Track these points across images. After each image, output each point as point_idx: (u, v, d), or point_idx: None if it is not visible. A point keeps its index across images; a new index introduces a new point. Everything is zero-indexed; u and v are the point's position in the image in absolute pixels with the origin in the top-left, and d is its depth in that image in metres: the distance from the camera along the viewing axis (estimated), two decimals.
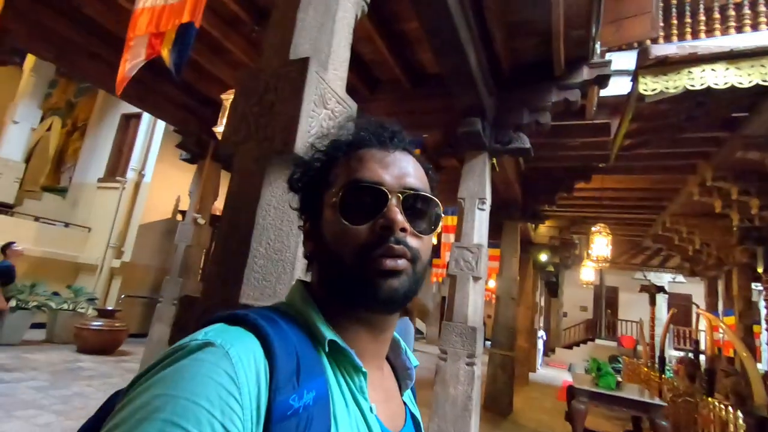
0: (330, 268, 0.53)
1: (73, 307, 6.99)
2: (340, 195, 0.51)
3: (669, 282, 13.76)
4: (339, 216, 0.50)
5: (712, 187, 5.55)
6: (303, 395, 0.41)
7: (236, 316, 0.44)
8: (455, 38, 2.87)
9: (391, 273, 0.48)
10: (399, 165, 0.54)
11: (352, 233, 0.49)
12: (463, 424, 3.57)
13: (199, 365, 0.37)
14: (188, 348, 0.39)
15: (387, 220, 0.49)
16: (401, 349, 0.62)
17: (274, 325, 0.44)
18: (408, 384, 0.61)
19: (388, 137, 0.56)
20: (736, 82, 2.87)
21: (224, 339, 0.40)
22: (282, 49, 1.32)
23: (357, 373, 0.49)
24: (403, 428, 0.55)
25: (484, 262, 3.84)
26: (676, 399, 5.25)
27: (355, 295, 0.50)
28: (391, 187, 0.51)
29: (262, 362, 0.40)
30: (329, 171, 0.55)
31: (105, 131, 9.31)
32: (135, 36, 1.91)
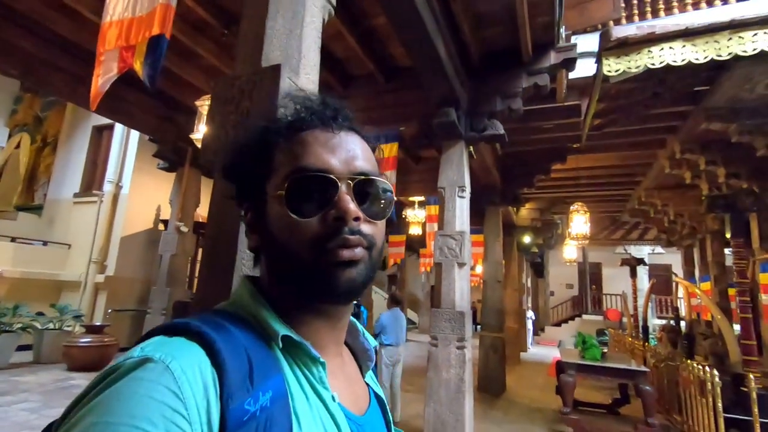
0: (281, 262, 0.50)
1: (60, 325, 6.86)
2: (286, 186, 0.47)
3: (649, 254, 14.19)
4: (286, 209, 0.47)
5: (681, 159, 5.76)
6: (258, 397, 0.39)
7: (176, 326, 0.41)
8: (423, 31, 2.93)
9: (348, 263, 0.47)
10: (346, 147, 0.51)
11: (303, 226, 0.47)
12: (458, 406, 3.68)
13: (138, 384, 0.34)
14: (124, 367, 0.36)
15: (339, 211, 0.47)
16: (359, 332, 0.61)
17: (219, 330, 0.41)
18: (369, 365, 0.61)
19: (332, 116, 0.52)
20: (692, 59, 3.01)
21: (164, 353, 0.37)
22: (254, 57, 1.36)
23: (315, 365, 0.47)
24: (368, 409, 0.54)
25: (467, 248, 3.94)
26: (659, 364, 5.49)
27: (311, 289, 0.48)
28: (340, 173, 0.48)
29: (209, 371, 0.38)
30: (269, 157, 0.51)
31: (77, 145, 9.09)
32: (105, 50, 1.91)
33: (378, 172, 0.53)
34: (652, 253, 14.60)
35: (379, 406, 0.58)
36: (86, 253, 7.92)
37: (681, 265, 9.89)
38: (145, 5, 1.88)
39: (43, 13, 3.79)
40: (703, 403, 3.96)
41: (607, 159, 6.72)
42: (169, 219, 5.50)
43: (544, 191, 8.36)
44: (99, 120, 8.75)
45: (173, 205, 5.50)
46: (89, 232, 8.03)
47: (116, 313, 7.50)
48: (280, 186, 0.48)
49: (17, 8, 3.71)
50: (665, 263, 14.74)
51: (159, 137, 5.48)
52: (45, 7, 3.76)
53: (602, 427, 4.54)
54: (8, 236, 7.77)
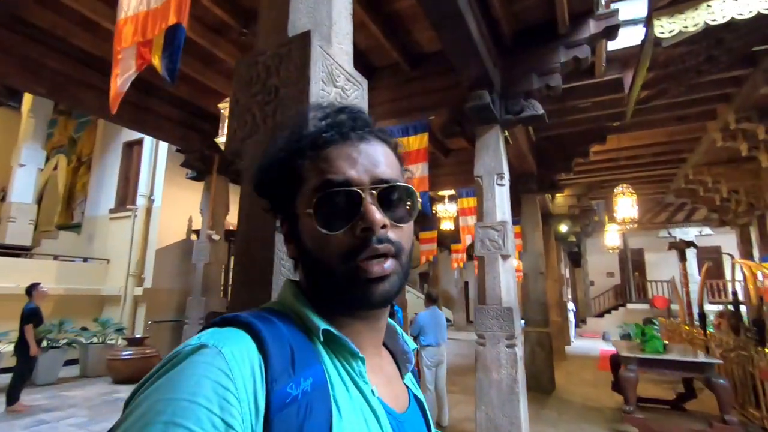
0: (316, 273, 0.52)
1: (103, 339, 7.01)
2: (314, 203, 0.49)
3: (696, 236, 13.38)
4: (316, 225, 0.49)
5: (736, 130, 5.31)
6: (300, 383, 0.42)
7: (227, 319, 0.45)
8: (454, 8, 2.71)
9: (379, 279, 0.48)
10: (367, 156, 0.52)
11: (333, 240, 0.48)
12: (512, 408, 3.44)
13: (195, 367, 0.38)
14: (183, 353, 0.40)
15: (366, 222, 0.48)
16: (398, 335, 0.62)
17: (265, 321, 0.45)
18: (408, 367, 0.62)
19: (350, 127, 0.53)
20: (761, 9, 2.66)
21: (216, 340, 0.41)
22: (278, 27, 1.19)
23: (354, 359, 0.49)
24: (408, 409, 0.55)
25: (510, 239, 3.69)
26: (727, 354, 5.03)
27: (346, 300, 0.50)
28: (363, 183, 0.50)
29: (255, 356, 0.41)
30: (295, 175, 0.53)
31: (110, 162, 9.31)
32: (122, 48, 1.80)
33: (401, 175, 0.55)
34: (699, 235, 13.76)
35: (419, 409, 0.59)
36: (124, 267, 8.07)
37: (737, 245, 9.22)
38: None
39: (65, 28, 3.79)
40: None
41: (650, 136, 6.29)
42: (201, 228, 5.46)
43: (582, 176, 7.93)
44: (129, 136, 8.93)
45: (203, 214, 5.46)
46: (126, 246, 8.18)
47: (155, 325, 7.60)
48: (308, 203, 0.50)
49: (40, 26, 3.72)
50: (715, 245, 13.84)
51: (185, 147, 5.46)
52: (67, 21, 3.75)
53: (671, 426, 4.16)
54: (51, 255, 8.02)
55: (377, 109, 4.32)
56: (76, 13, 3.64)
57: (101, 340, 6.96)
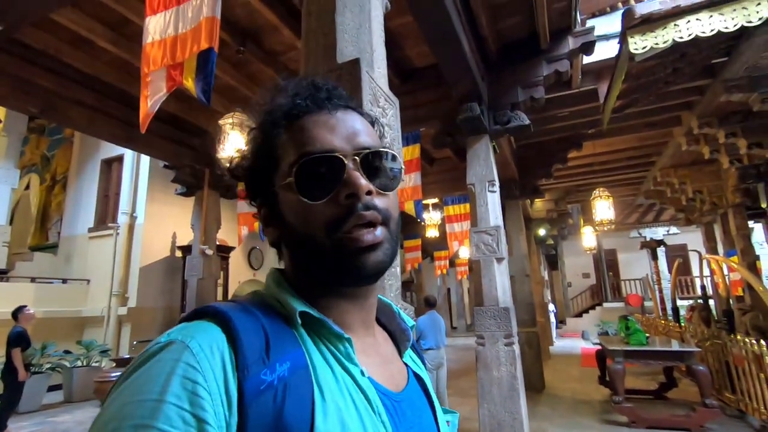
0: (302, 250, 0.50)
1: (87, 362, 6.80)
2: (294, 172, 0.47)
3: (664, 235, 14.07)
4: (298, 195, 0.47)
5: (699, 134, 5.72)
6: (275, 368, 0.41)
7: (197, 311, 0.45)
8: (449, 26, 2.90)
9: (372, 247, 0.47)
10: (346, 125, 0.51)
11: (317, 210, 0.47)
12: (513, 404, 3.60)
13: (162, 364, 0.38)
14: (150, 351, 0.40)
15: (350, 187, 0.47)
16: (394, 313, 0.61)
17: (239, 311, 0.44)
18: (406, 345, 0.60)
19: (326, 97, 0.52)
20: (721, 28, 2.97)
21: (184, 334, 0.40)
22: (327, 54, 1.32)
23: (341, 341, 0.47)
24: (406, 387, 0.54)
25: (503, 243, 3.88)
26: (702, 343, 5.37)
27: (339, 275, 0.48)
28: (345, 150, 0.49)
29: (225, 347, 0.40)
30: (272, 149, 0.52)
31: (87, 180, 9.09)
32: (151, 71, 1.88)
33: (381, 144, 0.54)
34: (667, 234, 14.48)
35: (419, 385, 0.57)
36: (106, 287, 7.86)
37: (702, 242, 9.78)
38: (188, 21, 1.85)
39: (58, 48, 3.78)
40: (762, 378, 3.85)
41: (621, 142, 6.67)
42: (193, 243, 5.44)
43: (559, 181, 8.30)
44: (107, 153, 8.77)
45: (195, 229, 5.44)
46: (107, 265, 7.98)
47: (141, 344, 7.42)
48: (287, 174, 0.48)
49: (34, 46, 3.70)
50: (681, 243, 14.59)
51: (176, 162, 5.45)
52: (60, 41, 3.75)
53: (658, 413, 4.41)
54: (27, 277, 7.74)
55: None
56: (71, 33, 3.65)
57: (86, 363, 6.75)
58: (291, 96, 0.53)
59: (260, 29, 3.78)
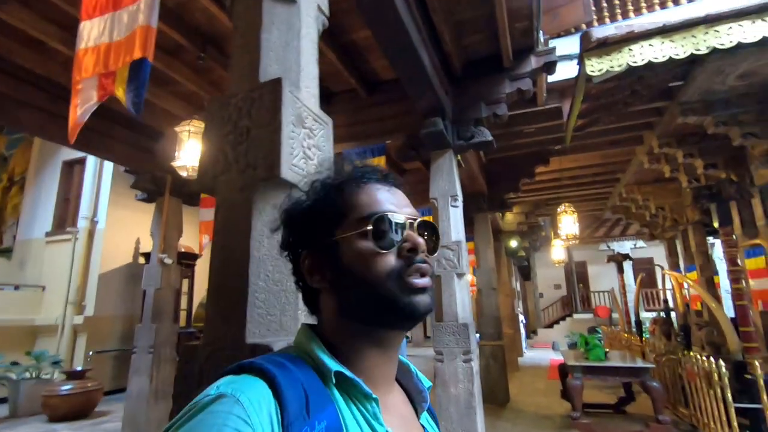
0: (361, 293, 0.55)
1: (37, 374, 6.44)
2: (372, 223, 0.55)
3: (631, 248, 14.48)
4: (371, 243, 0.54)
5: (660, 153, 5.91)
6: (315, 426, 0.43)
7: (242, 366, 0.48)
8: (408, 42, 2.89)
9: (423, 290, 0.55)
10: (400, 198, 0.60)
11: (382, 258, 0.54)
12: (469, 422, 3.57)
13: (215, 417, 0.39)
14: (202, 403, 0.42)
15: (412, 243, 0.55)
16: (412, 373, 0.65)
17: (279, 366, 0.47)
18: (423, 406, 0.63)
19: (385, 174, 0.63)
20: (672, 54, 3.06)
21: (234, 388, 0.43)
22: (251, 72, 1.27)
23: (368, 401, 0.50)
24: None
25: (465, 258, 3.88)
26: (660, 358, 5.49)
27: (394, 312, 0.54)
28: (405, 216, 0.57)
29: (272, 402, 0.43)
30: (337, 204, 0.58)
31: (46, 182, 8.72)
32: (82, 78, 1.78)
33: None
34: (634, 248, 14.90)
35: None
36: (62, 295, 7.52)
37: (665, 257, 10.08)
38: (123, 29, 1.77)
39: (8, 46, 3.61)
40: (711, 394, 3.94)
41: (587, 159, 6.83)
42: (152, 251, 5.25)
43: (529, 195, 8.44)
44: (69, 155, 8.44)
45: (155, 237, 5.26)
46: (64, 271, 7.65)
47: (98, 355, 7.11)
48: (358, 225, 0.56)
49: None
50: (647, 257, 15.03)
51: (136, 168, 5.26)
52: (10, 40, 3.58)
53: (615, 427, 4.47)
54: None
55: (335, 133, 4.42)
56: (22, 33, 3.49)
57: (35, 375, 6.40)
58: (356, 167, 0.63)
59: (221, 35, 3.70)
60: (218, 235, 1.21)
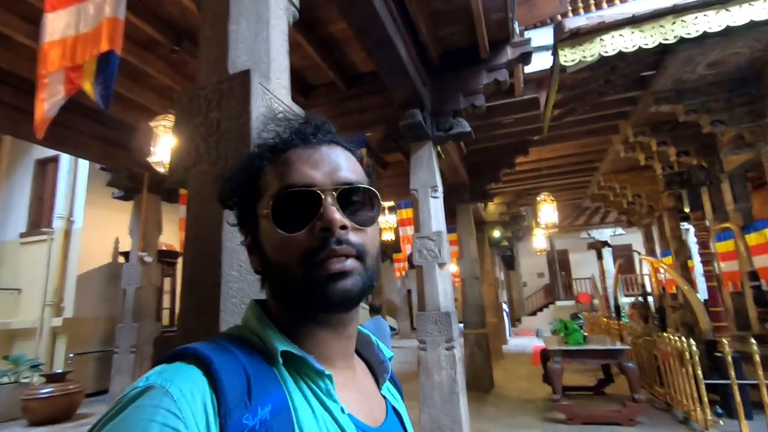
0: (278, 279, 0.51)
1: (15, 378, 6.30)
2: (272, 204, 0.49)
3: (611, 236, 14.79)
4: (274, 226, 0.49)
5: (635, 142, 6.05)
6: (257, 412, 0.41)
7: (176, 353, 0.44)
8: (383, 33, 2.89)
9: (340, 275, 0.48)
10: (329, 160, 0.52)
11: (292, 242, 0.48)
12: (452, 408, 3.64)
13: (142, 411, 0.37)
14: (129, 397, 0.39)
15: (324, 221, 0.48)
16: (373, 344, 0.62)
17: (219, 350, 0.44)
18: (384, 377, 0.60)
19: (312, 132, 0.54)
20: (642, 44, 3.14)
21: (164, 378, 0.40)
22: (219, 63, 1.27)
23: (321, 378, 0.48)
24: (384, 422, 0.54)
25: (446, 248, 3.93)
26: (636, 340, 5.68)
27: (307, 302, 0.49)
28: (324, 185, 0.50)
29: (207, 391, 0.40)
30: (257, 180, 0.53)
31: (18, 181, 8.46)
32: (48, 72, 1.74)
33: (365, 180, 0.55)
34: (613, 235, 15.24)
35: (398, 420, 0.58)
36: (39, 297, 7.34)
37: (642, 243, 10.36)
38: (89, 21, 1.74)
39: None
40: (683, 372, 4.11)
41: (566, 148, 6.95)
42: (131, 250, 5.17)
43: (510, 185, 8.56)
44: (42, 153, 8.20)
45: (133, 235, 5.18)
46: (41, 273, 7.46)
47: (79, 357, 6.98)
48: (266, 205, 0.50)
49: None
50: (626, 243, 15.42)
51: (112, 165, 5.16)
52: None
53: (592, 409, 4.62)
54: None
55: None
56: None
57: (13, 380, 6.25)
58: (277, 130, 0.55)
59: (194, 28, 3.63)
60: (191, 228, 1.22)
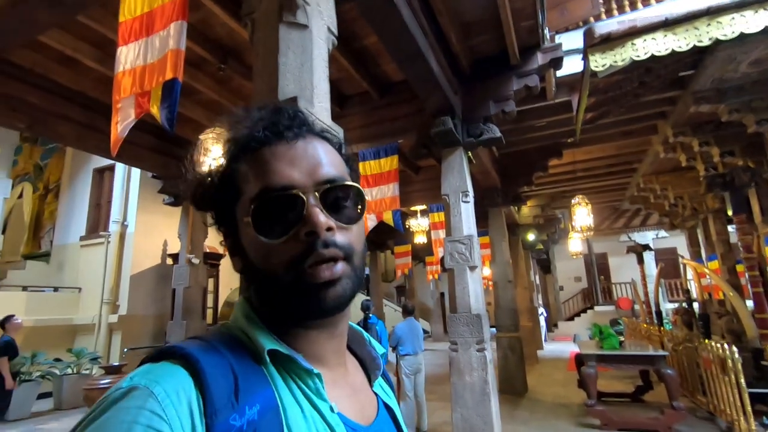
0: (264, 285, 0.49)
1: (78, 369, 6.88)
2: (252, 211, 0.46)
3: (653, 239, 14.25)
4: (256, 234, 0.46)
5: (675, 143, 5.87)
6: (245, 412, 0.40)
7: (162, 352, 0.43)
8: (415, 47, 3.04)
9: (330, 283, 0.46)
10: (307, 156, 0.49)
11: (276, 248, 0.46)
12: (484, 408, 3.71)
13: (125, 413, 0.35)
14: (112, 398, 0.37)
15: (309, 225, 0.45)
16: (365, 340, 0.60)
17: (206, 349, 0.43)
18: (376, 374, 0.59)
19: (287, 126, 0.50)
20: (675, 47, 3.12)
21: (148, 379, 0.38)
22: (270, 92, 1.46)
23: (310, 376, 0.46)
24: (376, 419, 0.53)
25: (477, 251, 4.01)
26: (677, 347, 5.51)
27: (298, 310, 0.48)
28: (305, 185, 0.47)
29: (192, 391, 0.39)
30: (233, 180, 0.50)
31: (79, 189, 9.20)
32: (121, 98, 2.01)
33: (347, 174, 0.52)
34: (656, 238, 14.66)
35: (389, 416, 0.57)
36: (98, 295, 7.96)
37: (686, 246, 9.93)
38: (155, 52, 1.99)
39: (46, 65, 3.92)
40: (726, 381, 3.98)
41: (602, 150, 6.83)
42: (180, 252, 5.56)
43: (544, 188, 8.47)
44: (99, 162, 8.88)
45: (182, 239, 5.56)
46: (99, 273, 8.08)
47: (132, 352, 7.51)
48: (246, 211, 0.47)
49: (22, 65, 3.84)
50: (670, 246, 14.77)
51: (163, 174, 5.58)
52: (48, 60, 3.89)
53: (629, 415, 4.54)
54: (19, 286, 7.83)
55: (349, 135, 4.62)
56: (58, 52, 3.79)
57: (76, 371, 6.83)
58: (250, 125, 0.50)
59: (240, 47, 3.92)
60: None
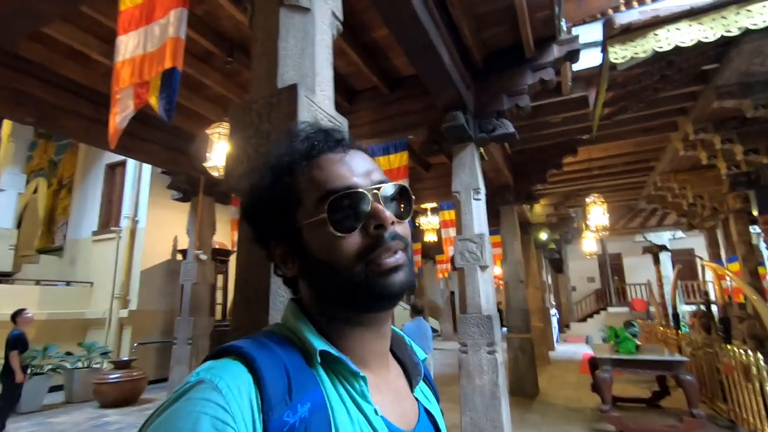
0: (329, 281, 0.52)
1: (88, 363, 6.93)
2: (327, 208, 0.50)
3: (669, 239, 13.90)
4: (331, 229, 0.50)
5: (696, 140, 5.66)
6: (297, 409, 0.42)
7: (222, 350, 0.46)
8: (426, 40, 2.93)
9: (394, 269, 0.50)
10: (359, 163, 0.55)
11: (347, 242, 0.50)
12: (495, 412, 3.60)
13: (193, 404, 0.39)
14: (181, 390, 0.41)
15: (378, 219, 0.50)
16: (407, 345, 0.63)
17: (261, 348, 0.46)
18: (417, 379, 0.61)
19: (338, 139, 0.57)
20: (701, 38, 2.96)
21: (212, 374, 0.42)
22: (269, 79, 1.37)
23: (356, 379, 0.49)
24: (417, 424, 0.55)
25: (488, 250, 3.89)
26: (696, 352, 5.31)
27: (368, 298, 0.51)
28: (364, 186, 0.52)
29: (252, 387, 0.42)
30: (292, 189, 0.54)
31: (92, 184, 9.29)
32: (120, 89, 1.94)
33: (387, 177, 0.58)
34: (673, 239, 14.30)
35: (430, 422, 0.59)
36: (109, 290, 8.03)
37: (705, 247, 9.64)
38: (155, 41, 1.92)
39: (54, 60, 3.90)
40: (750, 388, 3.81)
41: (618, 147, 6.63)
42: (188, 248, 5.54)
43: (557, 186, 8.27)
44: (111, 158, 8.95)
45: (190, 235, 5.54)
46: (110, 268, 8.15)
47: (142, 347, 7.56)
48: (315, 211, 0.51)
49: (30, 59, 3.82)
50: (688, 248, 14.40)
51: (172, 169, 5.56)
52: (56, 54, 3.87)
53: (645, 422, 4.38)
54: (32, 279, 7.92)
55: (359, 130, 4.53)
56: (66, 46, 3.76)
57: (86, 365, 6.88)
58: (304, 140, 0.56)
59: (247, 40, 3.84)
60: (243, 230, 1.32)
